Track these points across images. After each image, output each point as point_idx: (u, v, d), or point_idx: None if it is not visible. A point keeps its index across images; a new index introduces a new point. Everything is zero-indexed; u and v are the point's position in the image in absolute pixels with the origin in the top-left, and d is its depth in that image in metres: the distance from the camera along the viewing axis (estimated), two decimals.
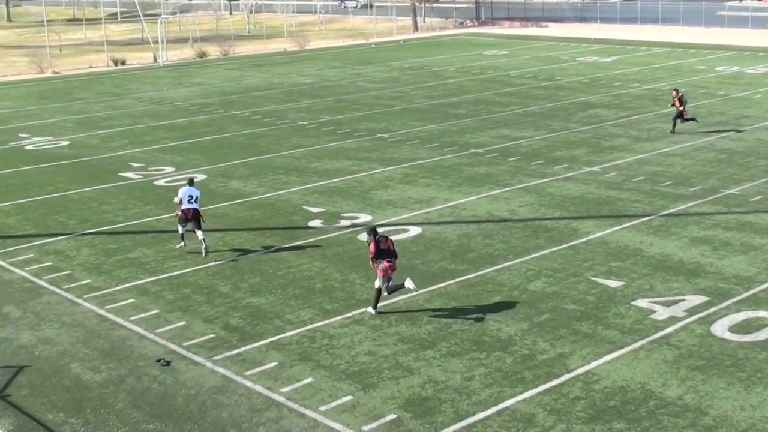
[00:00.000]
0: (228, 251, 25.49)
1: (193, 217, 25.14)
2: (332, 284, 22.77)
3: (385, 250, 20.67)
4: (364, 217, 28.28)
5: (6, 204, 31.24)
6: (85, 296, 22.41)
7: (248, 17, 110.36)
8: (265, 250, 25.43)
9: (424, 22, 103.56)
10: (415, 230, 26.98)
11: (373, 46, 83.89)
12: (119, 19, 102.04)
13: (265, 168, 35.38)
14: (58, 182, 34.01)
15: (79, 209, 30.26)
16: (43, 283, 23.40)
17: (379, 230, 22.26)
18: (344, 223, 27.86)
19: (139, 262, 24.83)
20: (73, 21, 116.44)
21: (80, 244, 26.61)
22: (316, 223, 27.93)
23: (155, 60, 75.86)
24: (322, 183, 32.88)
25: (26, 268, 24.52)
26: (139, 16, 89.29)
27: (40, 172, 35.75)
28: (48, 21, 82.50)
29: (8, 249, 26.22)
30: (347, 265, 24.09)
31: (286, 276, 23.44)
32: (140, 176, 34.64)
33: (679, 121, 39.66)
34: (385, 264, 20.56)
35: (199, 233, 25.19)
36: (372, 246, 20.67)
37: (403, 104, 49.46)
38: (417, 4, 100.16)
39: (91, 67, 73.99)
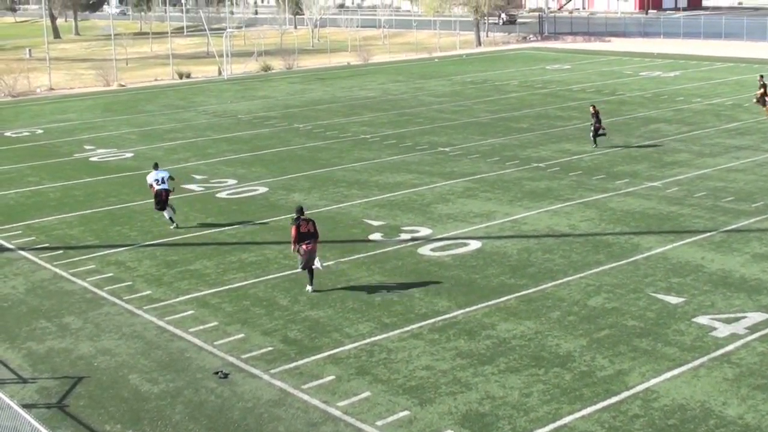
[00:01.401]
0: (288, 264, 25.52)
1: (166, 198, 28.76)
2: (391, 298, 22.68)
3: (305, 233, 22.82)
4: (425, 231, 28.18)
5: (70, 215, 31.64)
6: (144, 307, 22.58)
7: (313, 32, 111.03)
8: (325, 263, 25.43)
9: (487, 36, 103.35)
10: (475, 244, 26.82)
11: (436, 60, 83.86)
12: (185, 33, 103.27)
13: (327, 181, 35.45)
14: (122, 194, 34.37)
15: (142, 221, 30.54)
16: (104, 294, 23.62)
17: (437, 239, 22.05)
18: (404, 236, 27.77)
19: (200, 274, 24.96)
20: (140, 35, 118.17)
21: (142, 255, 26.84)
22: (376, 236, 27.88)
23: (220, 73, 76.60)
24: (383, 196, 32.86)
25: (87, 279, 24.78)
26: (205, 31, 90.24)
27: (103, 184, 36.17)
28: (115, 35, 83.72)
29: (70, 259, 26.54)
30: (407, 279, 23.99)
31: (345, 289, 23.40)
32: (203, 188, 34.89)
33: (592, 134, 40.23)
34: (304, 247, 22.80)
35: (166, 212, 29.08)
36: (293, 231, 22.85)
37: (465, 118, 49.32)
38: (480, 18, 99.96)
39: (156, 80, 74.93)
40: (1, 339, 20.99)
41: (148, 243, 28.01)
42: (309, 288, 23.35)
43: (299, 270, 23.51)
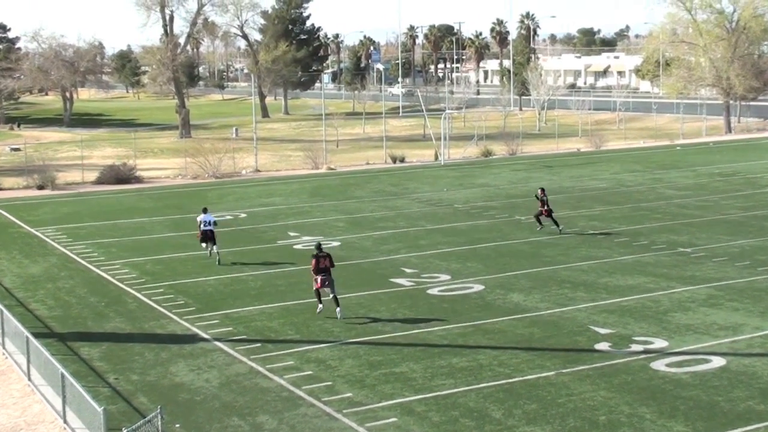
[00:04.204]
0: (503, 372, 25.39)
1: (210, 237, 39.23)
2: (618, 417, 22.19)
3: (321, 268, 30.04)
4: (659, 343, 27.51)
5: (270, 306, 32.62)
6: (344, 411, 22.90)
7: (539, 114, 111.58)
8: (543, 372, 25.17)
9: (738, 122, 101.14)
10: (718, 361, 25.95)
11: (678, 148, 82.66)
12: (400, 114, 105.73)
13: (549, 281, 35.24)
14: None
15: (346, 316, 31.10)
16: (302, 394, 24.12)
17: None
18: (636, 348, 27.19)
19: (405, 378, 25.15)
20: (352, 115, 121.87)
21: (344, 353, 27.31)
22: (603, 346, 27.43)
23: (436, 158, 77.86)
24: (612, 301, 32.36)
25: (285, 376, 25.38)
26: (422, 111, 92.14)
27: (306, 274, 36.94)
28: (326, 114, 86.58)
29: (268, 354, 27.29)
30: (637, 397, 23.44)
31: (566, 404, 23.06)
32: (413, 283, 35.31)
33: (542, 218, 44.18)
34: (318, 279, 30.15)
35: (215, 247, 39.42)
36: (312, 263, 30.30)
37: (710, 215, 48.19)
38: (731, 102, 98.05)
39: (368, 163, 76.91)
40: None
41: (351, 340, 28.49)
42: (320, 306, 30.66)
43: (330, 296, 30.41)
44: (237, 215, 51.45)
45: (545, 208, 43.95)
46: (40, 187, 64.84)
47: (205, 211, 40.14)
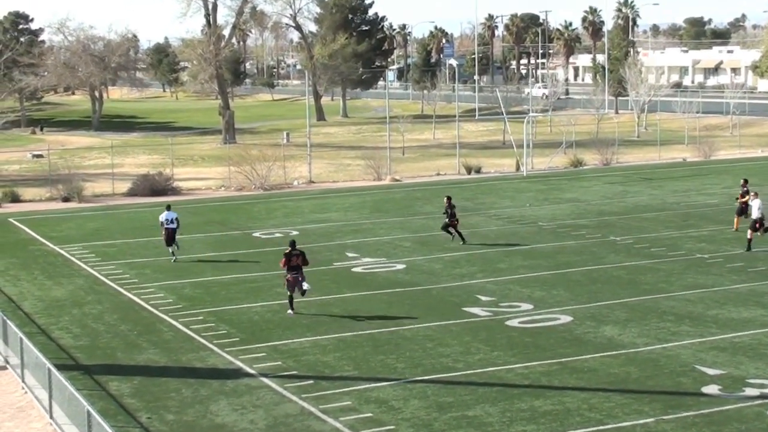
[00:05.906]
0: (592, 417, 25.29)
1: (171, 236, 44.17)
2: None
3: (293, 266, 34.46)
4: None
5: (324, 337, 32.71)
6: None
7: (639, 117, 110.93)
8: (641, 420, 25.04)
9: None
10: None
11: None
12: (476, 117, 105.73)
13: (649, 312, 35.03)
14: (389, 314, 35.23)
15: (412, 350, 31.15)
16: None
17: None
18: (750, 392, 26.93)
19: (479, 422, 25.11)
20: (421, 118, 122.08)
21: (409, 393, 27.32)
22: (712, 389, 27.20)
23: (518, 168, 77.82)
24: (723, 336, 32.09)
25: (341, 418, 25.43)
26: (502, 114, 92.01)
27: (367, 301, 37.23)
28: (391, 117, 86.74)
29: (323, 392, 27.38)
30: None
31: None
32: (489, 313, 35.26)
33: (451, 228, 47.82)
34: (289, 277, 34.59)
35: (174, 247, 44.45)
36: (283, 261, 34.81)
37: None
38: None
39: (438, 174, 77.00)
40: None
41: (417, 378, 28.50)
42: (290, 312, 34.90)
43: (295, 296, 35.00)
44: (288, 233, 51.62)
45: (454, 219, 47.73)
46: (66, 200, 65.60)
47: (168, 208, 44.89)
